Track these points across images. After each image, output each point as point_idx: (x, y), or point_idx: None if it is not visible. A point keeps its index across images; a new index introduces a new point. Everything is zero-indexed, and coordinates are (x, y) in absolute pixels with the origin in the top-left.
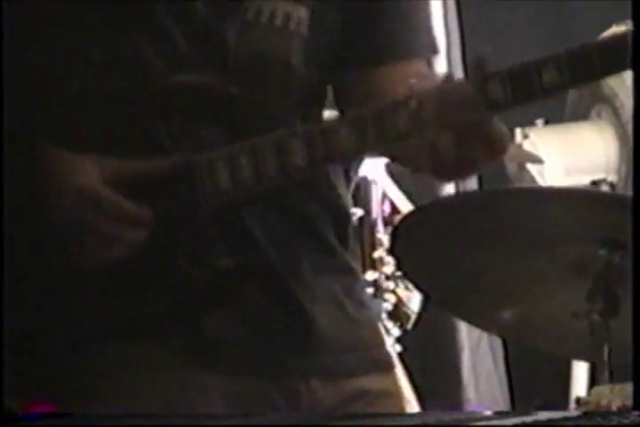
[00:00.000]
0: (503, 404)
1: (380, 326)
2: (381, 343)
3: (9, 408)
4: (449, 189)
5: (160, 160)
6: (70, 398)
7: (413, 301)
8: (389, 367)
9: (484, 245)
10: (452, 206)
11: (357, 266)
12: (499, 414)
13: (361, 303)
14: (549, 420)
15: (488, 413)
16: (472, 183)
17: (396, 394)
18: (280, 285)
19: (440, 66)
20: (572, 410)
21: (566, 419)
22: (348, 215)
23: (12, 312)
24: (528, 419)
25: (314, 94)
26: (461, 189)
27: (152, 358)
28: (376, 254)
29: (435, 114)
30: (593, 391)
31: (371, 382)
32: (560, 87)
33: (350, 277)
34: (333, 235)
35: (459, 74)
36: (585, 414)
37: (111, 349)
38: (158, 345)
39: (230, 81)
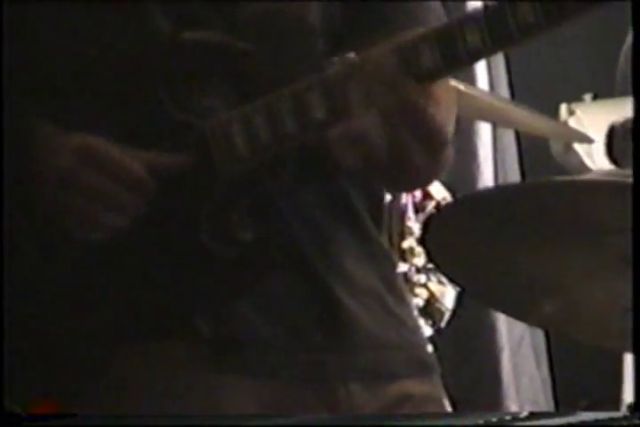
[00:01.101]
0: (547, 409)
1: None
2: (425, 343)
3: (11, 409)
4: (487, 171)
5: (166, 125)
6: (93, 400)
7: (447, 296)
8: (431, 370)
9: (526, 236)
10: (493, 199)
11: (394, 254)
12: (540, 415)
13: (401, 298)
14: (596, 420)
15: (527, 413)
16: (513, 165)
17: (441, 400)
18: (313, 274)
19: (482, 82)
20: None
21: (612, 420)
22: (381, 193)
23: (15, 307)
24: (572, 419)
25: (333, 54)
26: (501, 172)
27: (179, 359)
28: (405, 244)
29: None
30: None
31: (415, 385)
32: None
33: (388, 267)
34: (368, 218)
35: (504, 91)
36: (632, 413)
37: (136, 348)
38: (185, 345)
39: (241, 39)
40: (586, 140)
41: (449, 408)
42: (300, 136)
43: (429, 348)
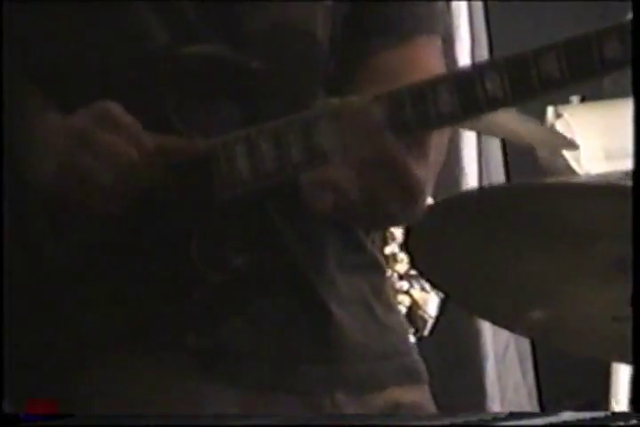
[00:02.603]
0: None
1: None
2: (412, 351)
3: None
4: (471, 175)
5: (168, 140)
6: (78, 405)
7: (430, 303)
8: (422, 378)
9: (513, 241)
10: (478, 202)
11: (384, 262)
12: (521, 415)
13: (390, 306)
14: (578, 420)
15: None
16: (498, 169)
17: (429, 408)
18: (303, 284)
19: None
20: None
21: (594, 420)
22: None
23: (10, 308)
24: (554, 419)
25: (343, 70)
26: (485, 176)
27: (165, 366)
28: (388, 250)
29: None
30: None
31: (402, 394)
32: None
33: (378, 275)
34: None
35: None
36: (614, 414)
37: (121, 355)
38: (171, 354)
39: (245, 52)
40: (571, 146)
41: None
42: (306, 167)
43: (417, 356)
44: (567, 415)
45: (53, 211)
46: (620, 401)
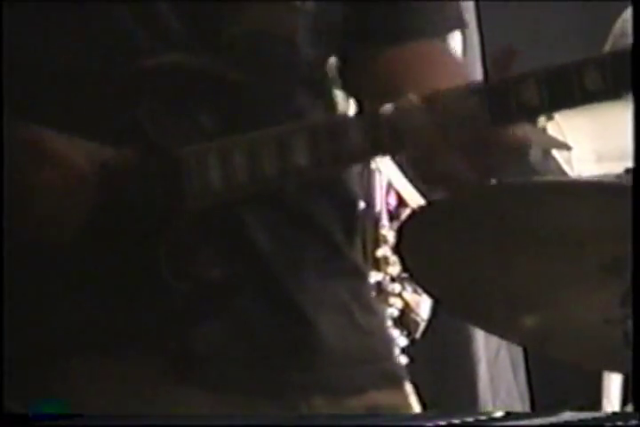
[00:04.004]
0: None
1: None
2: (392, 355)
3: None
4: None
5: (138, 150)
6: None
7: (422, 306)
8: (401, 381)
9: (503, 243)
10: (467, 202)
11: (364, 266)
12: (518, 415)
13: (370, 310)
14: (580, 420)
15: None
16: None
17: (409, 411)
18: (280, 291)
19: None
20: None
21: (596, 419)
22: (355, 207)
23: None
24: (554, 420)
25: (324, 79)
26: None
27: (137, 372)
28: (380, 253)
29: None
30: (628, 408)
31: (382, 398)
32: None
33: (358, 280)
34: (340, 231)
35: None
36: (615, 414)
37: (94, 360)
38: (143, 358)
39: (224, 61)
40: (563, 147)
41: None
42: (279, 181)
43: (399, 359)
44: (568, 415)
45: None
46: (612, 403)
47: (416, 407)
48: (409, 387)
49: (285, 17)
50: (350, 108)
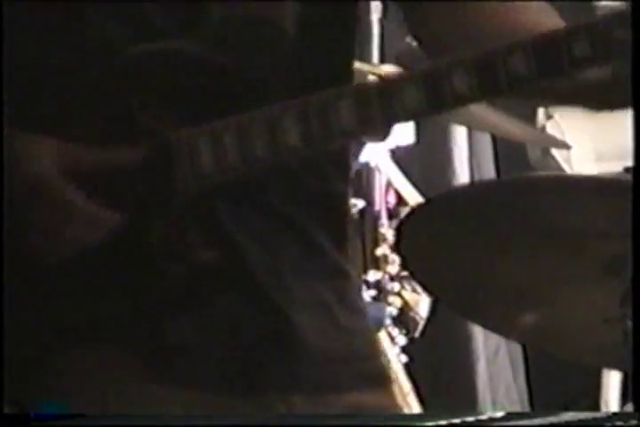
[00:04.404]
0: None
1: (384, 333)
2: (377, 355)
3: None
4: (463, 176)
5: (130, 129)
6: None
7: (422, 305)
8: (384, 381)
9: (502, 241)
10: (467, 198)
11: (352, 267)
12: (518, 415)
13: (355, 310)
14: (580, 420)
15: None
16: (489, 170)
17: (399, 411)
18: (259, 289)
19: None
20: None
21: (596, 419)
22: (343, 208)
23: None
24: (555, 419)
25: (314, 67)
26: (477, 177)
27: (112, 364)
28: (379, 251)
29: None
30: (627, 407)
31: (364, 397)
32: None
33: (342, 281)
34: (324, 233)
35: None
36: (615, 414)
37: (76, 350)
38: (118, 351)
39: (209, 47)
40: (563, 146)
41: None
42: (269, 161)
43: (383, 360)
44: (568, 416)
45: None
46: (611, 402)
47: (408, 408)
48: (399, 387)
49: (272, 4)
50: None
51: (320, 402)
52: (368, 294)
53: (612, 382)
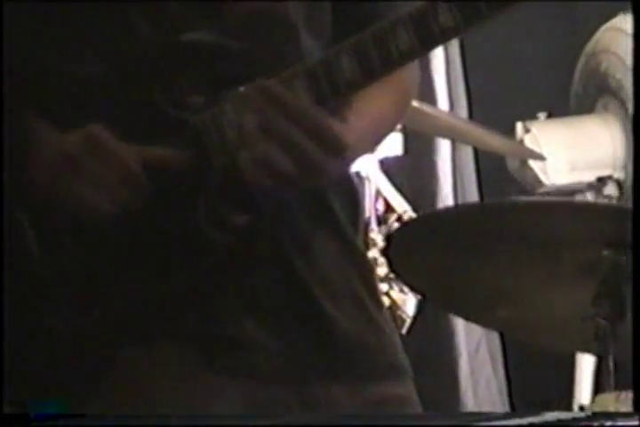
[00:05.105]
0: (503, 410)
1: None
2: (400, 348)
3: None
4: (446, 186)
5: (162, 123)
6: (86, 403)
7: (408, 304)
8: (408, 373)
9: (484, 246)
10: (452, 218)
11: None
12: (505, 415)
13: (380, 303)
14: (559, 420)
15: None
16: (471, 180)
17: (415, 404)
18: (293, 273)
19: (442, 103)
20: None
21: (575, 420)
22: (356, 199)
23: (13, 306)
24: (536, 420)
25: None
26: (460, 186)
27: (172, 361)
28: (369, 255)
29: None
30: (598, 399)
31: (390, 388)
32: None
33: (368, 270)
34: (346, 221)
35: (463, 110)
36: (594, 414)
37: (129, 350)
38: (177, 347)
39: (229, 37)
40: (539, 157)
41: (421, 411)
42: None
43: (404, 353)
44: (549, 416)
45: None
46: (583, 393)
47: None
48: (411, 379)
49: (280, 1)
50: None
51: (356, 391)
52: None
53: (585, 374)
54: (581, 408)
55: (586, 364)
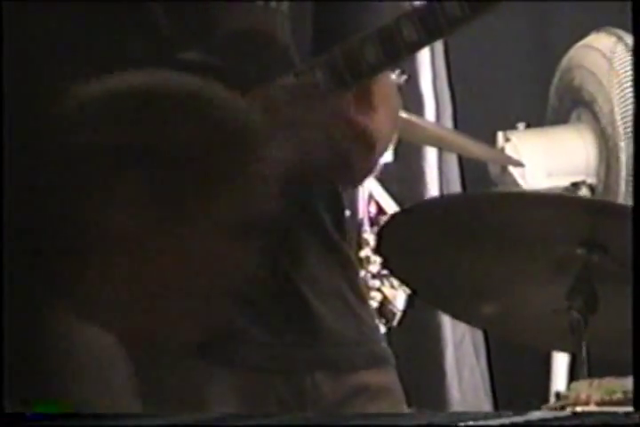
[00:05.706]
0: (485, 397)
1: None
2: (381, 339)
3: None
4: (433, 190)
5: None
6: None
7: (399, 299)
8: (389, 363)
9: (467, 244)
10: (436, 208)
11: (357, 261)
12: (489, 414)
13: (362, 298)
14: (542, 420)
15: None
16: (456, 185)
17: (396, 391)
18: (282, 273)
19: (429, 113)
20: (552, 403)
21: (558, 419)
22: (343, 212)
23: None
24: (519, 419)
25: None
26: (445, 191)
27: (163, 347)
28: (362, 254)
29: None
30: (572, 386)
31: (371, 376)
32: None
33: (352, 270)
34: (332, 226)
35: (448, 121)
36: (575, 414)
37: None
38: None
39: (220, 57)
40: (518, 164)
41: (403, 398)
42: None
43: (385, 343)
44: (535, 415)
45: None
46: (559, 383)
47: (399, 387)
48: (394, 369)
49: (264, 17)
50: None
51: (338, 379)
52: None
53: (560, 365)
54: (557, 395)
55: (561, 355)
